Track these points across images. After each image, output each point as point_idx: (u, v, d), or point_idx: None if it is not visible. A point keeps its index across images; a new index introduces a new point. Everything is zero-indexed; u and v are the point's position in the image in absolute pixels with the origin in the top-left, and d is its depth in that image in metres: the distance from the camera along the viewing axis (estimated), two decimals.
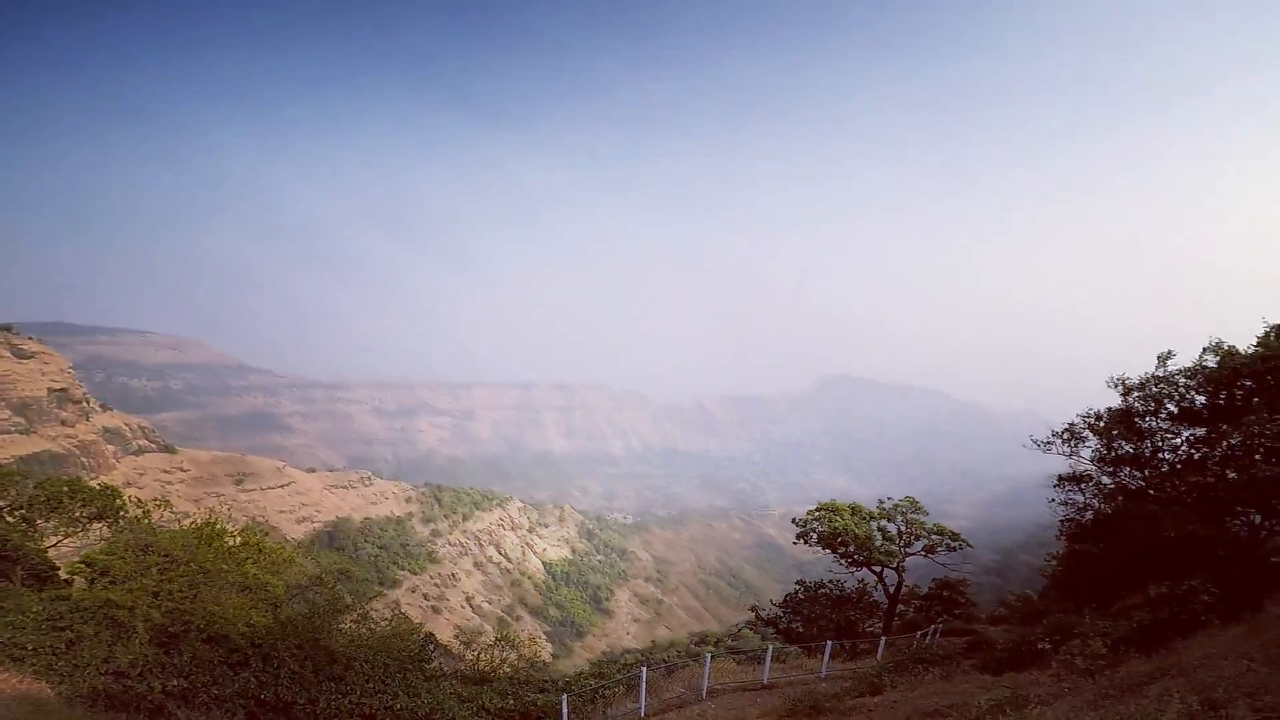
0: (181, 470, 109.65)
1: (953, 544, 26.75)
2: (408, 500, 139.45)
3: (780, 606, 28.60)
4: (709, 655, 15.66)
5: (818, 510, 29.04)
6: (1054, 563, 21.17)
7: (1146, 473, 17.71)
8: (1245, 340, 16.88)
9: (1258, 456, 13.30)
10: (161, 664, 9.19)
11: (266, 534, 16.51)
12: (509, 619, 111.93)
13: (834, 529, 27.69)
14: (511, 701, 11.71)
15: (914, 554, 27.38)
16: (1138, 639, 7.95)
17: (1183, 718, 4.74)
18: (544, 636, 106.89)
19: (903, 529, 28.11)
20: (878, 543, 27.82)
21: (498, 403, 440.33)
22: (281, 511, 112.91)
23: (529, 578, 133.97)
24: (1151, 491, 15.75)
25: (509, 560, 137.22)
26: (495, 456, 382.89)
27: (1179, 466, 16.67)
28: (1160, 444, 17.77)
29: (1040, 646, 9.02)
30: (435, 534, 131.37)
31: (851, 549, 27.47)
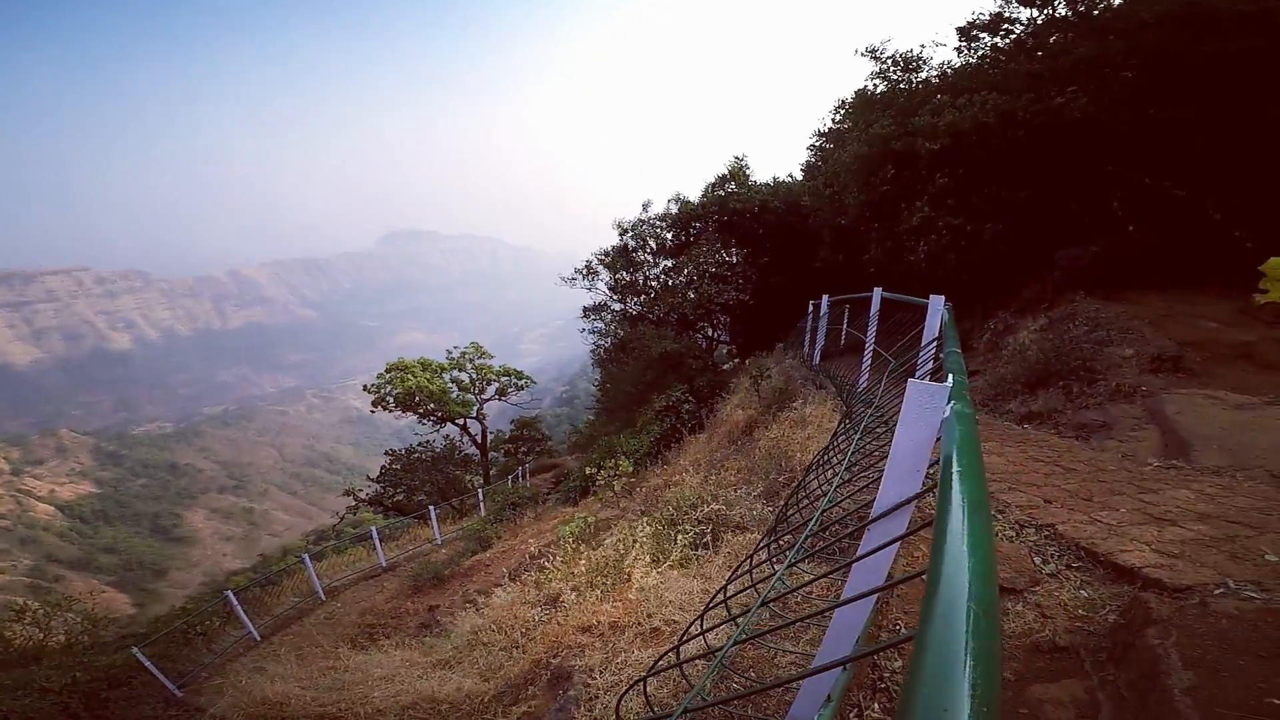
0: None
1: (519, 383, 29.18)
2: None
3: (377, 482, 27.09)
4: (307, 556, 14.67)
5: (386, 373, 27.56)
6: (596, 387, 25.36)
7: (642, 299, 22.50)
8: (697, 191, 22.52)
9: (706, 278, 18.40)
10: None
11: None
12: (45, 584, 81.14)
13: (407, 389, 26.92)
14: (79, 673, 9.94)
15: (489, 400, 28.71)
16: (653, 453, 10.14)
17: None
18: (109, 589, 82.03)
19: (474, 377, 29.27)
20: (454, 395, 28.31)
21: None
22: None
23: (44, 529, 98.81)
24: (649, 315, 20.13)
25: None
26: None
27: (660, 291, 21.76)
28: (648, 274, 22.80)
29: (590, 470, 10.63)
30: None
31: (431, 406, 27.39)
